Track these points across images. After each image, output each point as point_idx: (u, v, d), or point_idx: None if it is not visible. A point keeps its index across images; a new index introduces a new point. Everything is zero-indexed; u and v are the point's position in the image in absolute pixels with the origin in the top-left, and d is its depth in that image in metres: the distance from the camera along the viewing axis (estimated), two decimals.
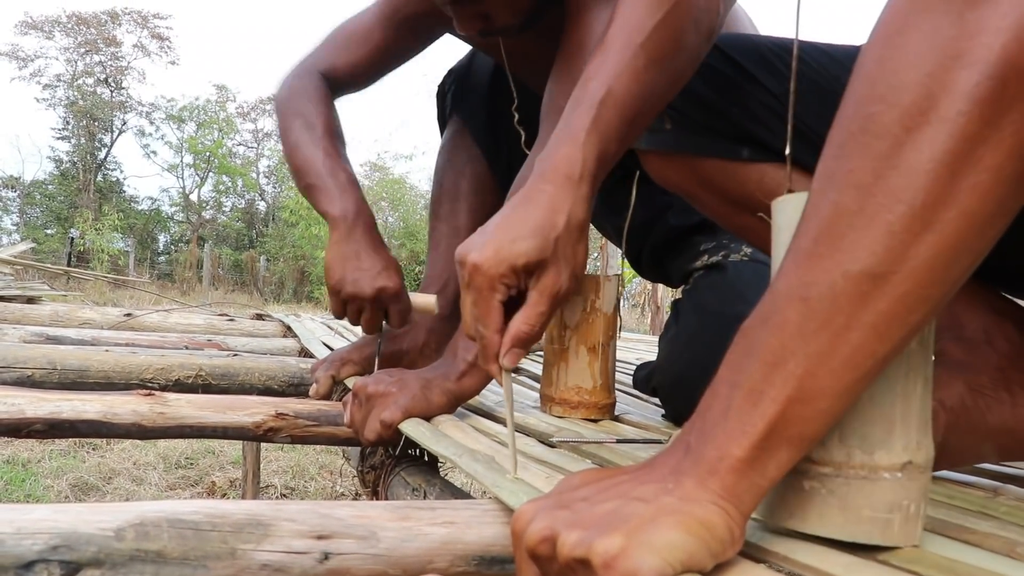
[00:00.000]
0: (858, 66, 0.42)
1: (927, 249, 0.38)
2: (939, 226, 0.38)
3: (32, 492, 2.70)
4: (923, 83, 0.38)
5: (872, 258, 0.39)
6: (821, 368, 0.40)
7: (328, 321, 2.27)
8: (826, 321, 0.40)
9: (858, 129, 0.40)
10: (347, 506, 0.53)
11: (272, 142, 22.42)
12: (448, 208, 1.26)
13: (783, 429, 0.41)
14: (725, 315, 1.01)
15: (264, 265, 17.87)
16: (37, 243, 13.45)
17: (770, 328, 0.42)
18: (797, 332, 0.41)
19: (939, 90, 0.38)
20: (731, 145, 0.75)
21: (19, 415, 0.85)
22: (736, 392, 0.42)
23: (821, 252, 0.40)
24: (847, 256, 0.40)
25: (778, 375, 0.41)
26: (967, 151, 0.37)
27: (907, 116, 0.38)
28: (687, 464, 0.43)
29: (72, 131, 20.96)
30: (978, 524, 0.53)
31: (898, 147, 0.38)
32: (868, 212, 0.39)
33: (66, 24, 20.57)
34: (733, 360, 0.44)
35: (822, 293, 0.40)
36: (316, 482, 3.06)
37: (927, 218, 0.38)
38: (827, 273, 0.40)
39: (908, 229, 0.38)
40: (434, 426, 0.85)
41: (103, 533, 0.45)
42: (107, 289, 9.88)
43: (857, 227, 0.39)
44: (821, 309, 0.40)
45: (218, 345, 1.61)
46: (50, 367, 1.16)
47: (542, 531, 0.42)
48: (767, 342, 0.42)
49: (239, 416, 0.92)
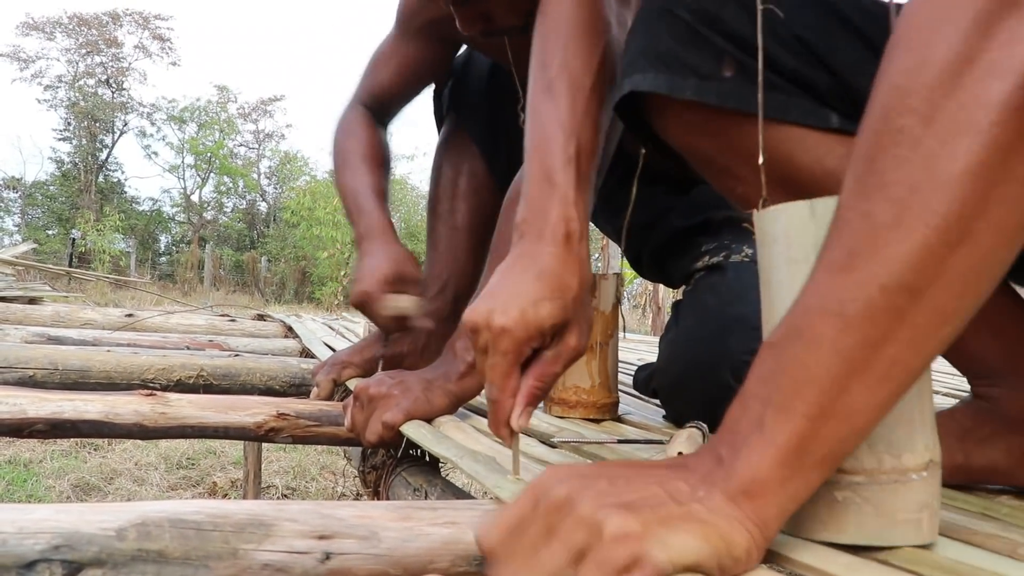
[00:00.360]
0: (883, 74, 0.41)
1: (962, 261, 0.38)
2: (973, 237, 0.38)
3: (34, 492, 2.70)
4: (954, 95, 0.38)
5: (910, 271, 0.39)
6: (857, 384, 0.40)
7: (329, 321, 2.27)
8: (862, 336, 0.40)
9: (890, 142, 0.40)
10: (348, 506, 0.53)
11: (273, 143, 22.46)
12: (447, 207, 1.26)
13: (816, 448, 0.41)
14: (725, 316, 1.01)
15: (265, 266, 17.87)
16: (39, 244, 13.46)
17: (803, 343, 0.41)
18: (832, 348, 0.40)
19: (971, 102, 0.37)
20: (818, 108, 0.61)
21: (21, 415, 0.85)
22: (768, 409, 0.42)
23: (856, 266, 0.40)
24: (884, 270, 0.39)
25: (811, 391, 0.40)
26: (1000, 161, 0.37)
27: (941, 128, 0.38)
28: (719, 477, 0.42)
29: (73, 132, 20.97)
30: (980, 525, 0.53)
31: (932, 159, 0.38)
32: (904, 225, 0.39)
33: (67, 25, 20.58)
34: (763, 374, 0.43)
35: (858, 308, 0.40)
36: (317, 483, 3.06)
37: (962, 229, 0.38)
38: (863, 288, 0.40)
39: (944, 242, 0.38)
40: (435, 427, 0.85)
41: (105, 533, 0.45)
42: (108, 290, 9.88)
43: (893, 241, 0.39)
44: (857, 324, 0.40)
45: (219, 346, 1.61)
46: (52, 367, 1.17)
47: (572, 489, 0.42)
48: (799, 357, 0.41)
49: (240, 416, 0.92)
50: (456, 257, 1.22)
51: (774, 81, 0.61)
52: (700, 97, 0.61)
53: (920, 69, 0.39)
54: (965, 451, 0.67)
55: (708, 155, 0.66)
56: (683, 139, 0.67)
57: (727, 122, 0.62)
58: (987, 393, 0.67)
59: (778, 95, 0.61)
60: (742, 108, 0.60)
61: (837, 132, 0.60)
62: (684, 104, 0.63)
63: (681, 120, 0.65)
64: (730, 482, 0.41)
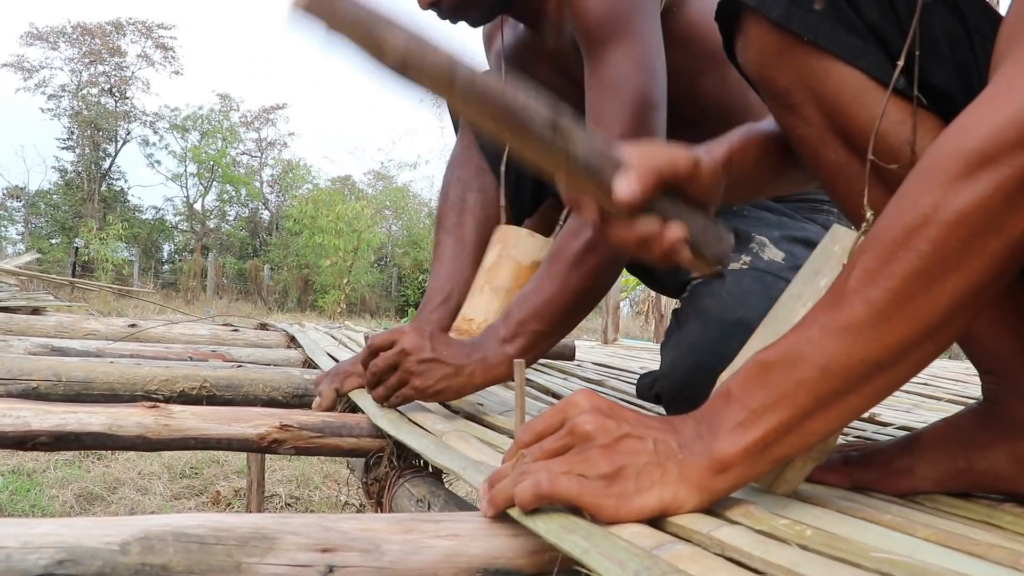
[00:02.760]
0: (903, 207, 0.52)
1: (923, 350, 0.52)
2: (936, 337, 0.52)
3: (37, 502, 2.70)
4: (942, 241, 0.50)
5: (888, 356, 0.52)
6: (819, 415, 0.53)
7: (332, 330, 2.27)
8: (835, 387, 0.52)
9: (906, 256, 0.50)
10: (351, 519, 0.53)
11: (276, 151, 22.51)
12: (454, 220, 1.28)
13: (774, 450, 0.54)
14: (726, 321, 1.02)
15: (268, 274, 17.90)
16: (42, 253, 13.48)
17: (787, 374, 0.53)
18: (809, 387, 0.52)
19: (948, 252, 0.50)
20: (887, 64, 0.62)
21: (25, 428, 0.85)
22: (747, 414, 0.54)
23: (849, 339, 0.52)
24: (869, 349, 0.51)
25: (784, 411, 0.53)
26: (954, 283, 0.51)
27: (938, 261, 0.50)
28: (698, 448, 0.54)
29: (76, 141, 21.04)
30: (982, 535, 0.53)
31: (931, 281, 0.50)
32: (895, 320, 0.51)
33: (71, 35, 20.67)
34: (748, 384, 0.55)
35: (839, 369, 0.52)
36: (321, 491, 3.06)
37: (932, 334, 0.52)
38: (849, 357, 0.52)
39: (918, 339, 0.51)
40: (438, 437, 0.85)
41: (108, 547, 0.45)
42: (111, 299, 9.90)
43: (885, 331, 0.51)
44: (834, 378, 0.52)
45: (222, 356, 1.61)
46: (55, 379, 1.17)
47: (591, 421, 0.55)
48: (781, 384, 0.53)
49: (243, 428, 0.92)
50: (461, 269, 1.24)
51: (854, 23, 0.62)
52: (785, 21, 0.62)
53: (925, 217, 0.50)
54: (968, 457, 0.67)
55: (779, 88, 0.66)
56: (759, 67, 0.67)
57: (805, 56, 0.63)
58: (996, 395, 0.67)
59: (855, 39, 0.62)
60: (821, 43, 0.62)
61: (898, 95, 0.61)
62: (768, 27, 0.63)
63: (761, 44, 0.65)
64: (705, 455, 0.54)
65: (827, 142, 0.66)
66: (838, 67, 0.63)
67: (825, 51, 0.62)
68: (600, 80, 1.02)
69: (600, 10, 1.00)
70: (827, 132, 0.66)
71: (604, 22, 1.00)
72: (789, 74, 0.64)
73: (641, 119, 1.00)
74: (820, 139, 0.66)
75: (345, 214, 14.80)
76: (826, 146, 0.66)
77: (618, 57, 1.00)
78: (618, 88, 1.00)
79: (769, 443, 0.53)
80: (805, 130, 0.67)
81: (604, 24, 1.00)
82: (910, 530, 0.54)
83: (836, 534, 0.50)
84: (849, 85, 0.63)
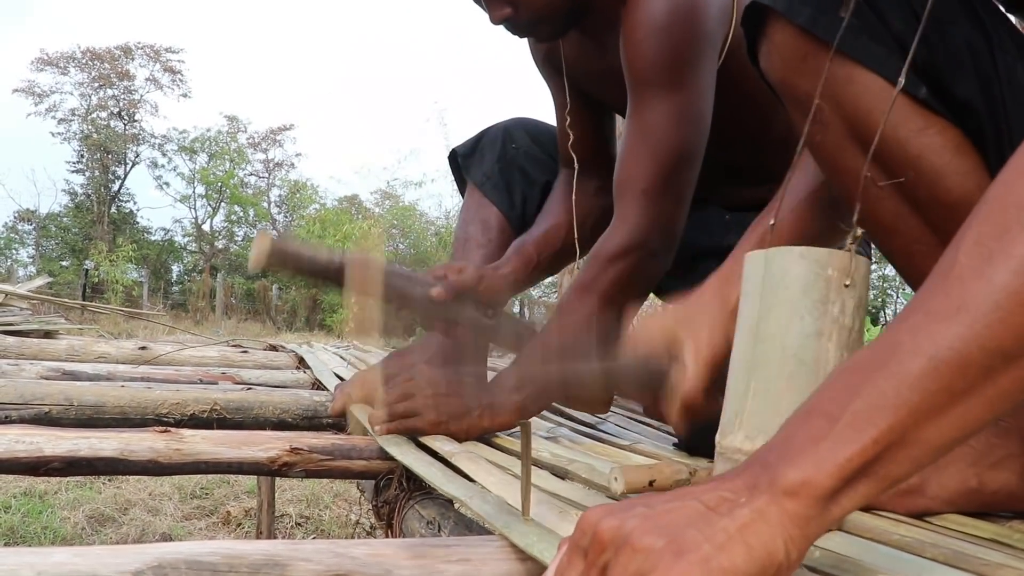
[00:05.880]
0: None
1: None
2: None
3: (49, 524, 2.71)
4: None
5: (1012, 339, 0.41)
6: (930, 422, 0.42)
7: (341, 351, 2.28)
8: (948, 383, 0.41)
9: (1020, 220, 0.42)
10: (362, 544, 0.54)
11: (283, 172, 22.64)
12: (459, 252, 1.32)
13: (875, 467, 0.42)
14: None
15: (276, 294, 17.94)
16: (52, 275, 13.56)
17: (887, 375, 0.42)
18: (917, 385, 0.42)
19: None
20: (911, 74, 0.61)
21: (38, 453, 0.86)
22: (834, 425, 0.42)
23: (962, 320, 0.41)
24: (990, 332, 0.41)
25: (884, 418, 0.42)
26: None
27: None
28: (763, 480, 0.42)
29: (86, 164, 21.23)
30: (991, 555, 0.53)
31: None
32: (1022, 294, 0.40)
33: (81, 60, 20.91)
34: (832, 395, 0.44)
35: (952, 358, 0.41)
36: (331, 511, 3.06)
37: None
38: (964, 342, 0.41)
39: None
40: (448, 458, 0.86)
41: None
42: (122, 320, 9.94)
43: (1007, 307, 0.41)
44: (947, 372, 0.41)
45: (232, 378, 1.62)
46: (67, 403, 1.18)
47: (618, 522, 0.43)
48: (880, 386, 0.42)
49: (254, 451, 0.93)
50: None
51: (879, 33, 0.63)
52: (811, 27, 0.63)
53: None
54: (978, 475, 0.67)
55: (800, 94, 0.67)
56: (782, 72, 0.67)
57: (829, 63, 0.63)
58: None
59: (880, 48, 0.63)
60: (845, 50, 0.61)
61: (921, 104, 0.62)
62: (793, 32, 0.64)
63: (786, 49, 0.66)
64: (775, 484, 0.42)
65: (845, 149, 0.67)
66: (862, 75, 0.64)
67: (849, 58, 0.63)
68: (638, 125, 1.00)
69: (653, 54, 0.97)
70: (846, 139, 0.67)
71: (655, 66, 0.98)
72: (812, 80, 0.65)
73: (670, 174, 0.99)
74: (839, 146, 0.67)
75: (352, 233, 14.86)
76: (844, 152, 0.67)
77: (662, 105, 0.98)
78: (655, 138, 0.99)
79: (869, 459, 0.42)
80: (824, 136, 0.67)
81: (655, 68, 0.98)
82: (919, 550, 0.54)
83: (844, 555, 0.50)
84: (872, 93, 0.63)
